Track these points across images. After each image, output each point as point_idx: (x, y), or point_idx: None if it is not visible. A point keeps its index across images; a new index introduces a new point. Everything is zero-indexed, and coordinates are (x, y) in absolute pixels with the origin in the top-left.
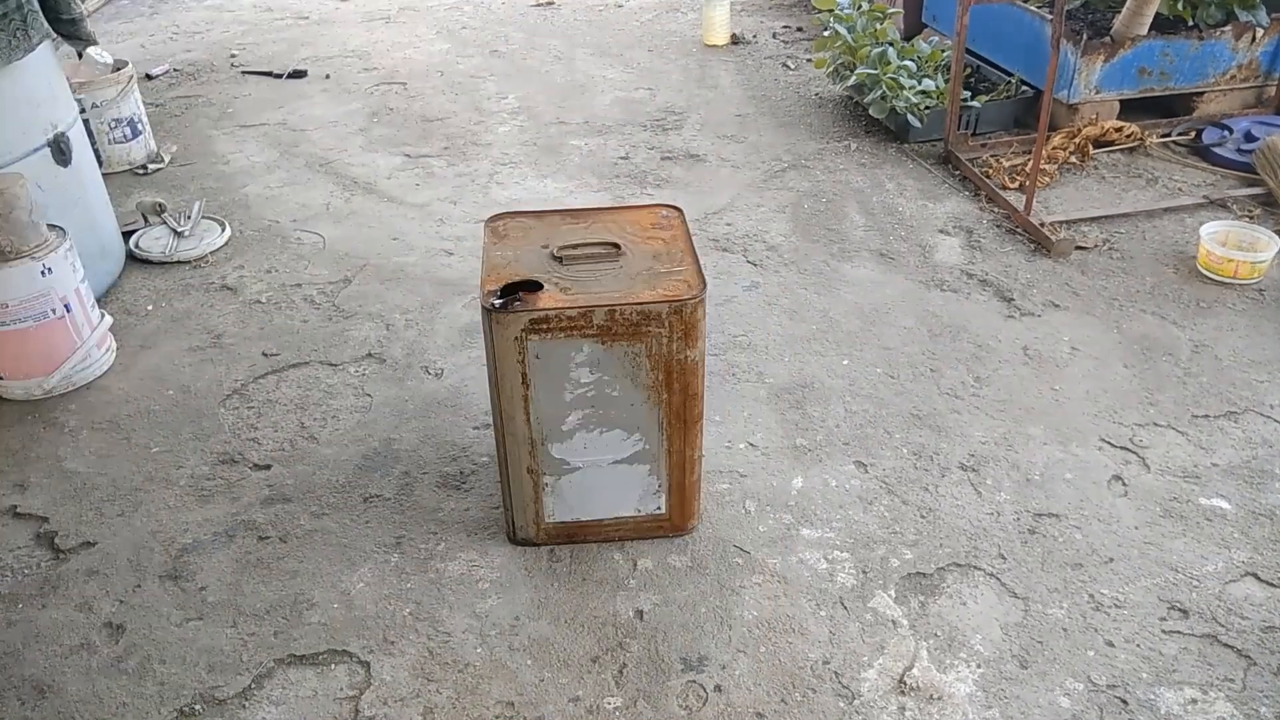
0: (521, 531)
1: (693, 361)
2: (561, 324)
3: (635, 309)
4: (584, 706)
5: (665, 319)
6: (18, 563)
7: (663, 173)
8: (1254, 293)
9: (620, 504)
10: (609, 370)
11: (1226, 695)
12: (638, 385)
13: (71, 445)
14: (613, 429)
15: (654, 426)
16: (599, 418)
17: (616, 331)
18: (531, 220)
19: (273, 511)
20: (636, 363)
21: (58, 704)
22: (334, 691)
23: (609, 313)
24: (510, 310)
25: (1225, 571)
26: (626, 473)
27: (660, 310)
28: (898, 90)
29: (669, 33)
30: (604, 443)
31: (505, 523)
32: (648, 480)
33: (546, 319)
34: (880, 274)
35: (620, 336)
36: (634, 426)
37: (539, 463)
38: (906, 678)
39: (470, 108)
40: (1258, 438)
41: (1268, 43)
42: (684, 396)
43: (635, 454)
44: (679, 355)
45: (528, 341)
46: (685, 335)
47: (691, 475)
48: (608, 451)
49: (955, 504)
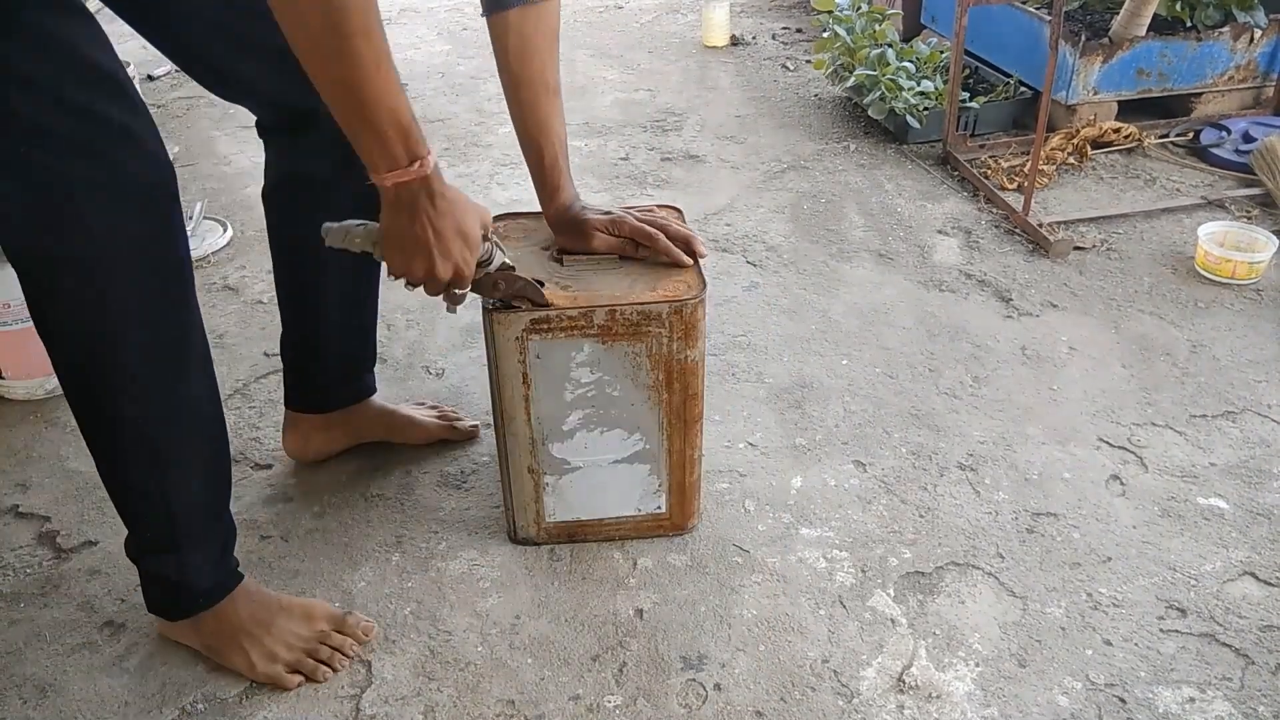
0: (523, 531)
1: (693, 361)
2: (562, 324)
3: (636, 309)
4: (584, 705)
5: (665, 319)
6: (19, 562)
7: (662, 173)
8: (1252, 293)
9: (621, 503)
10: (609, 370)
11: (1224, 694)
12: (638, 385)
13: (74, 445)
14: (613, 429)
15: (654, 426)
16: (599, 417)
17: (617, 331)
18: (532, 222)
19: (274, 511)
20: (637, 362)
21: (59, 703)
22: (335, 690)
23: (609, 313)
24: (511, 310)
25: (1223, 571)
26: (627, 472)
27: (661, 310)
28: (896, 91)
29: (669, 34)
30: (604, 442)
31: (506, 522)
32: (648, 480)
33: (547, 319)
34: (879, 274)
35: (621, 336)
36: (634, 426)
37: (540, 462)
38: (905, 676)
39: (471, 109)
40: (1255, 437)
41: (1266, 44)
42: (684, 396)
43: (636, 453)
44: (679, 355)
45: (529, 341)
46: (685, 335)
47: (692, 475)
48: (608, 451)
49: (954, 503)
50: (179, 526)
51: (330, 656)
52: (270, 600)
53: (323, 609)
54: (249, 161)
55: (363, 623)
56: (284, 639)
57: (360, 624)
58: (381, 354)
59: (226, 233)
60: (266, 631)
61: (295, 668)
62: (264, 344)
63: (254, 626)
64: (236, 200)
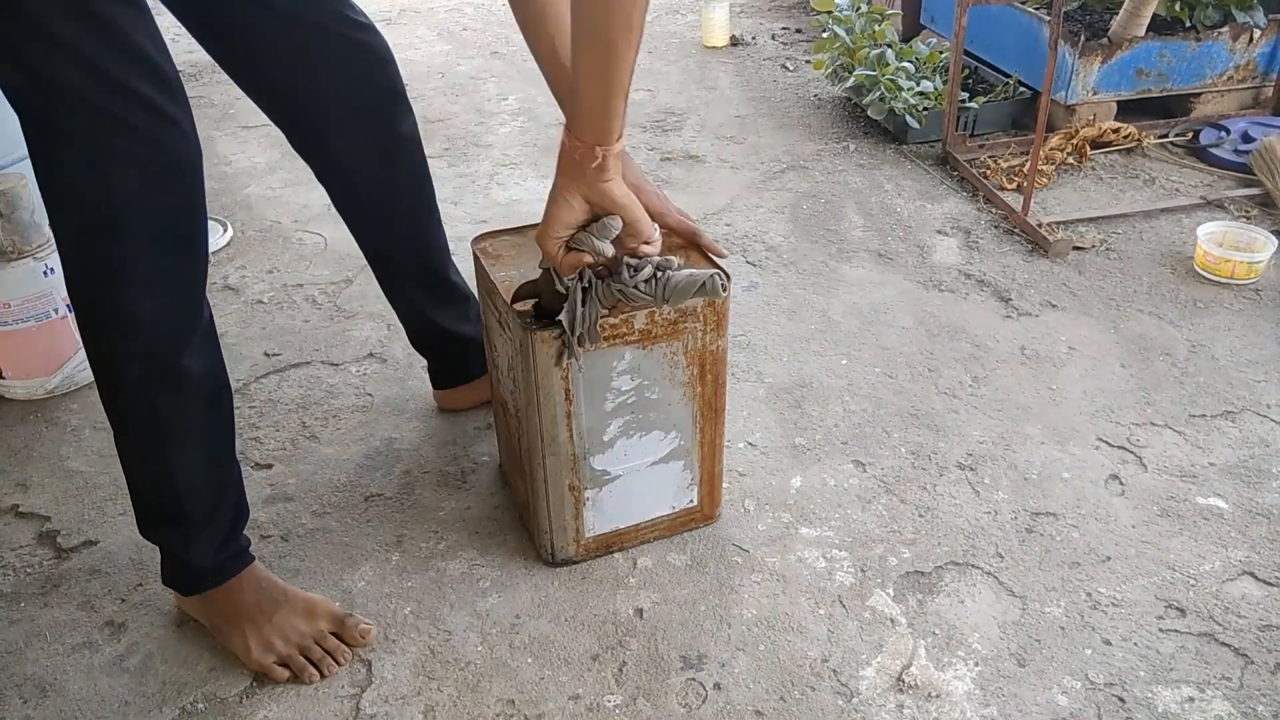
0: (562, 552)
1: (722, 350)
2: (605, 334)
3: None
4: (584, 704)
5: (700, 313)
6: (19, 561)
7: (662, 173)
8: (1251, 293)
9: (656, 504)
10: (649, 374)
11: (1224, 694)
12: (675, 383)
13: (74, 445)
14: (651, 431)
15: (689, 420)
16: (639, 422)
17: (656, 334)
18: (515, 237)
19: (274, 510)
20: (674, 361)
21: (59, 702)
22: (335, 690)
23: (649, 315)
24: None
25: (1222, 570)
26: (663, 471)
27: (695, 304)
28: (896, 91)
29: (668, 34)
30: (643, 446)
31: (540, 547)
32: (682, 475)
33: None
34: (879, 274)
35: (659, 338)
36: (670, 425)
37: (581, 478)
38: (905, 676)
39: (471, 109)
40: (1254, 437)
41: (1265, 44)
42: (715, 386)
43: (671, 451)
44: (711, 346)
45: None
46: (718, 325)
47: (720, 463)
48: (646, 454)
49: (953, 503)
50: (184, 502)
51: (321, 659)
52: (277, 589)
53: (325, 607)
54: (249, 162)
55: (361, 625)
56: (283, 631)
57: (359, 626)
58: (381, 354)
59: (227, 233)
60: (268, 620)
61: (286, 662)
62: (264, 344)
63: (257, 613)
64: (237, 200)
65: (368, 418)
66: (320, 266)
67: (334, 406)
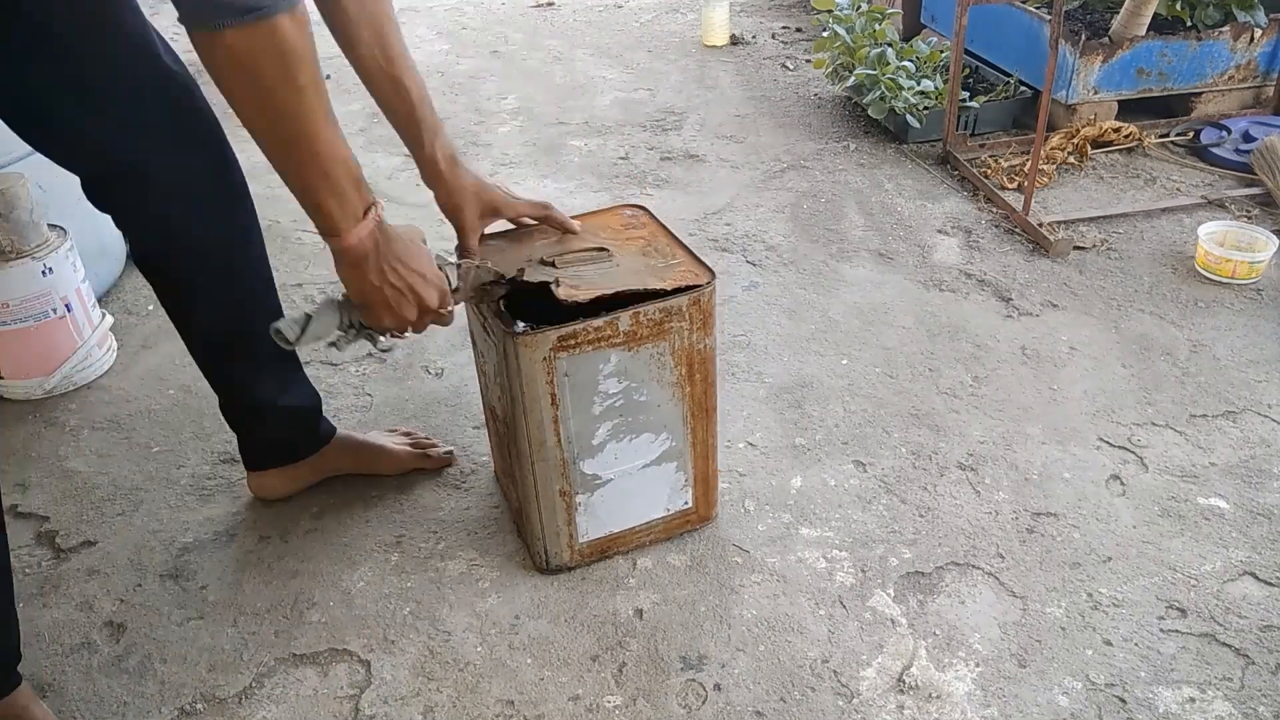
0: (555, 559)
1: (710, 349)
2: (589, 336)
3: (658, 307)
4: (584, 705)
5: (685, 311)
6: (18, 562)
7: (662, 173)
8: (1252, 292)
9: (650, 507)
10: (636, 375)
11: (1225, 694)
12: (663, 384)
13: (72, 445)
14: (641, 433)
15: (679, 421)
16: (628, 424)
17: (641, 334)
18: (501, 242)
19: (274, 511)
20: (661, 361)
21: (58, 703)
22: (334, 690)
23: (633, 316)
24: (537, 329)
25: (1223, 571)
26: (655, 474)
27: (680, 304)
28: (896, 91)
29: (668, 33)
30: (634, 449)
31: (533, 555)
32: (675, 476)
33: (575, 334)
34: (879, 274)
35: (645, 339)
36: (660, 426)
37: (571, 483)
38: (905, 676)
39: (470, 108)
40: (1255, 437)
41: (1266, 43)
42: (704, 385)
43: (663, 453)
44: (699, 345)
45: (556, 360)
46: (704, 324)
47: (713, 463)
48: (638, 457)
49: (954, 503)
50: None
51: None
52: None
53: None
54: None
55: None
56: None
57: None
58: (380, 354)
59: None
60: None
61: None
62: None
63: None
64: None
65: (367, 418)
66: (320, 266)
67: (333, 406)
